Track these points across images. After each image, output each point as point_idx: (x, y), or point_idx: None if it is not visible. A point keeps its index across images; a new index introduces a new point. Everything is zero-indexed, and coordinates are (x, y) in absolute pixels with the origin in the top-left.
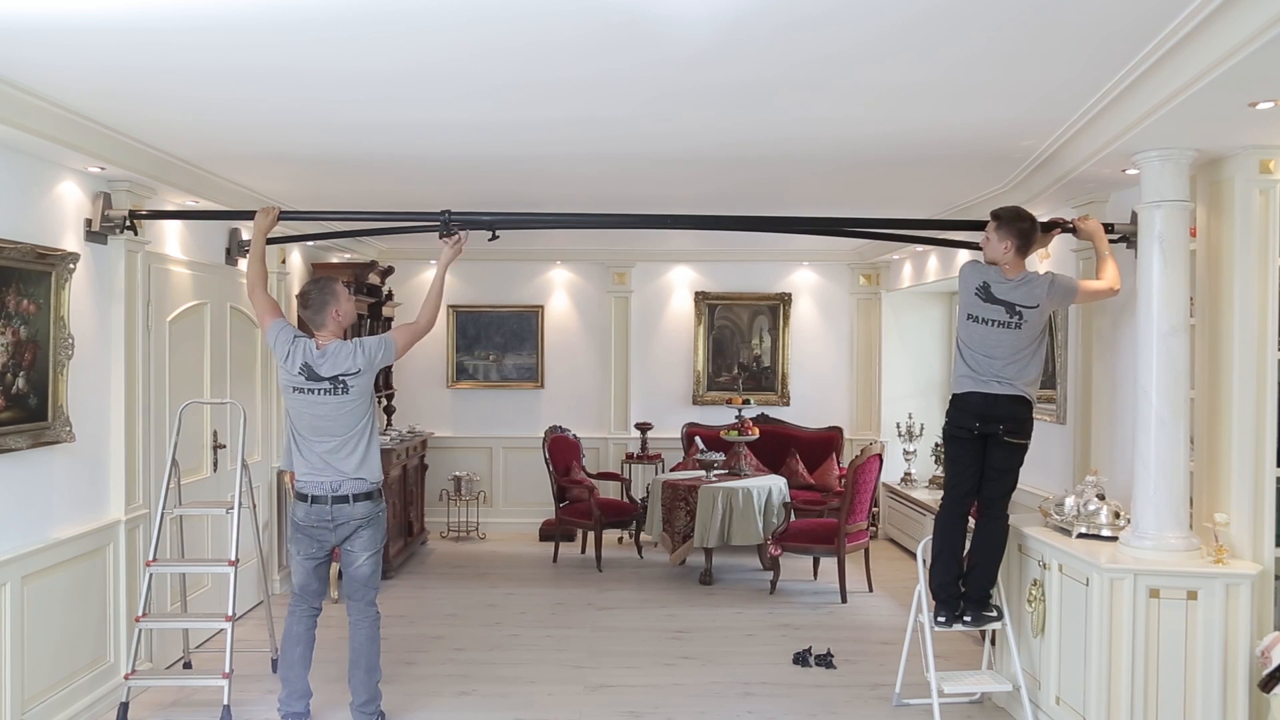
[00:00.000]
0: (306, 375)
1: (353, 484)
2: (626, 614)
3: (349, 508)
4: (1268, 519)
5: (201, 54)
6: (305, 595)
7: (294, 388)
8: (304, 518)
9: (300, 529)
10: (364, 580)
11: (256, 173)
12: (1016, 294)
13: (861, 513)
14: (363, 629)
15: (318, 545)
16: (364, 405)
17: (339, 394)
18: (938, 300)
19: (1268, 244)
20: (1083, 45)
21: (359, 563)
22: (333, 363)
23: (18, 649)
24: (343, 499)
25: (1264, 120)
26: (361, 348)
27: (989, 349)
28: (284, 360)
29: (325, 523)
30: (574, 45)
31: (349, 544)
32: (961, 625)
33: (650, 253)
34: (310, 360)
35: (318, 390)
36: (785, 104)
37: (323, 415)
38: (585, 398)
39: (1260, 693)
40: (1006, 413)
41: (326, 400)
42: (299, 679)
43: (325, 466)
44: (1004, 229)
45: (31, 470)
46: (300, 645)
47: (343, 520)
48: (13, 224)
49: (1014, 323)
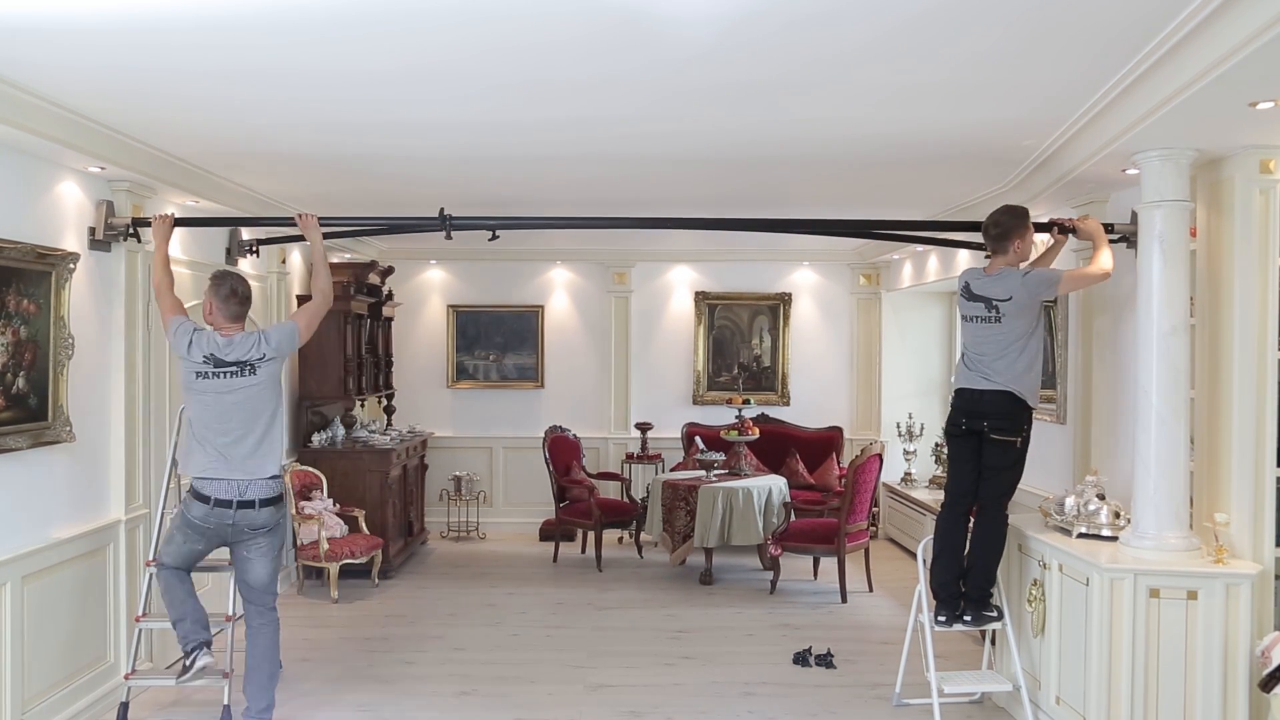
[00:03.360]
0: (213, 363)
1: (259, 487)
2: (626, 614)
3: (254, 513)
4: (1268, 519)
5: (201, 54)
6: (175, 569)
7: (197, 374)
8: (201, 518)
9: (193, 526)
10: (263, 586)
11: (256, 173)
12: (991, 289)
13: (861, 513)
14: (265, 635)
15: (207, 544)
16: (271, 392)
17: (245, 375)
18: (938, 300)
19: (1268, 244)
20: (1084, 45)
21: (257, 570)
22: (239, 349)
23: (18, 649)
24: (248, 504)
25: (1264, 120)
26: (265, 336)
27: (977, 345)
28: (186, 350)
29: (225, 527)
30: (575, 45)
31: (246, 550)
32: (962, 625)
33: (650, 253)
34: (215, 349)
35: (223, 374)
36: (787, 104)
37: (227, 402)
38: (585, 398)
39: (1260, 693)
40: (992, 409)
41: (232, 384)
42: (195, 610)
43: (226, 463)
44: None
45: (31, 470)
46: (183, 584)
47: (244, 525)
48: (13, 224)
49: (992, 317)
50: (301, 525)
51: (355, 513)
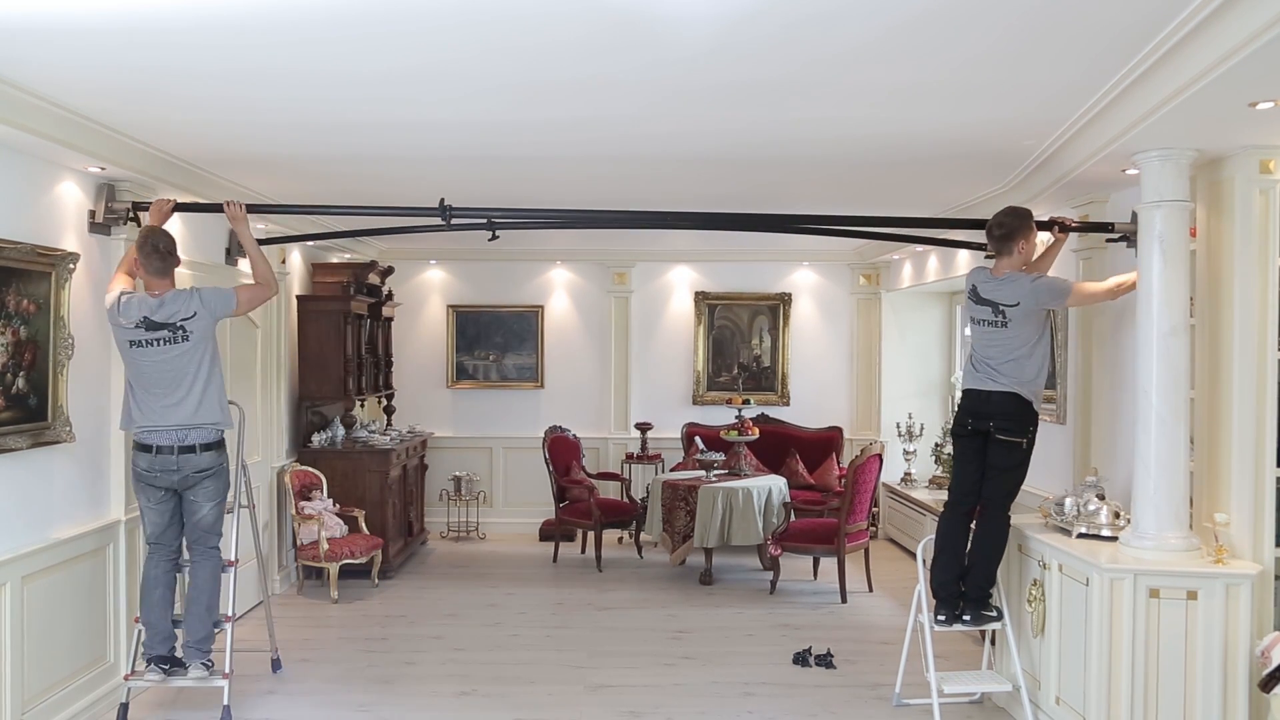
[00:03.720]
0: (146, 327)
1: (198, 433)
2: (626, 614)
3: (195, 457)
4: (1268, 519)
5: (201, 54)
6: (162, 542)
7: (131, 341)
8: (147, 467)
9: (142, 478)
10: (208, 528)
11: (256, 173)
12: (998, 294)
13: (861, 513)
14: (205, 567)
15: (162, 491)
16: (205, 353)
17: (179, 341)
18: (938, 300)
19: (1268, 244)
20: (1084, 45)
21: (203, 512)
22: (170, 309)
23: (18, 649)
24: (189, 449)
25: (1264, 120)
26: (199, 294)
27: (984, 347)
28: (119, 314)
29: (170, 471)
30: (575, 46)
31: (192, 494)
32: (961, 625)
33: (650, 253)
34: (148, 311)
35: (157, 341)
36: (787, 105)
37: (164, 365)
38: (585, 398)
39: (1260, 693)
40: (998, 410)
41: (166, 350)
42: (161, 621)
43: (167, 415)
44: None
45: (31, 470)
46: (160, 588)
47: (187, 470)
48: (13, 224)
49: (999, 321)
50: (301, 525)
51: (355, 513)
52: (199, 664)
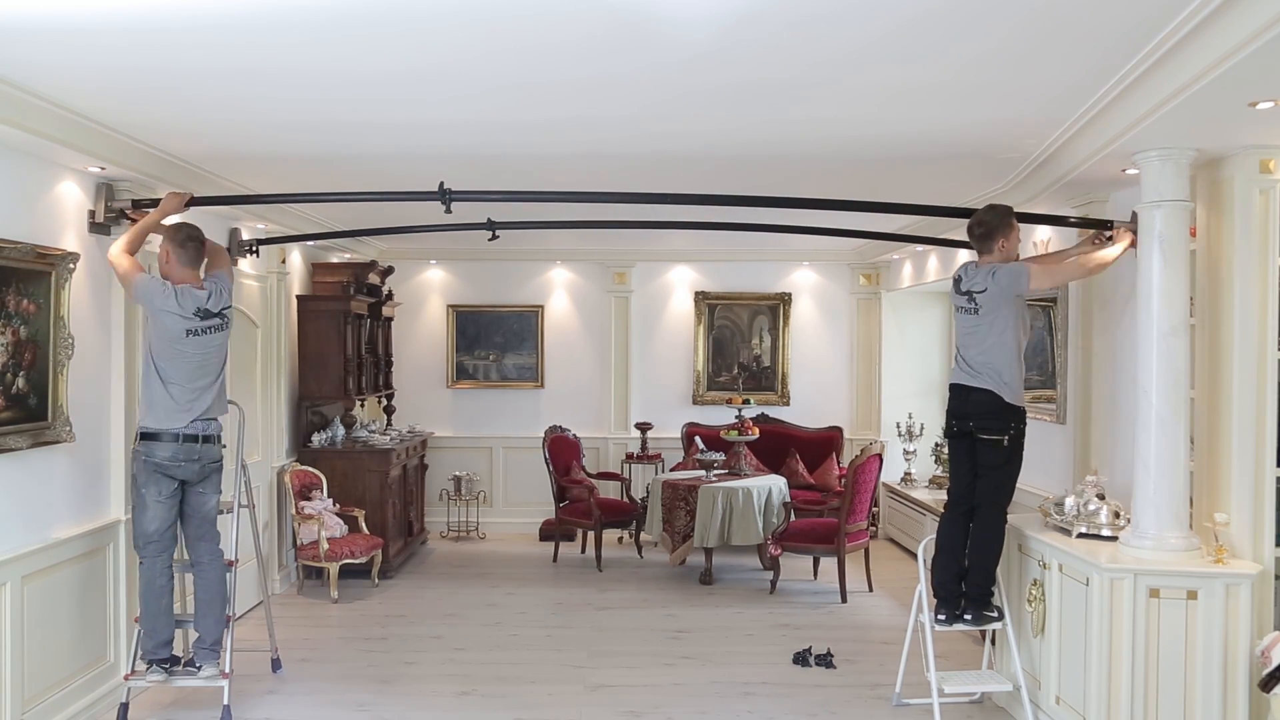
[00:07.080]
0: (202, 316)
1: (215, 424)
2: (626, 614)
3: (213, 448)
4: (1268, 519)
5: (201, 54)
6: (163, 540)
7: (188, 330)
8: (170, 457)
9: (159, 469)
10: (214, 520)
11: (256, 173)
12: (970, 281)
13: (861, 513)
14: (215, 568)
15: (175, 483)
16: (227, 340)
17: (225, 328)
18: (938, 300)
19: (1268, 244)
20: (1084, 45)
21: (210, 504)
22: (217, 297)
23: (18, 649)
24: (210, 439)
25: (1264, 120)
26: (221, 283)
27: (962, 337)
28: (173, 304)
29: (192, 460)
30: (576, 46)
31: (202, 486)
32: (962, 625)
33: (650, 252)
34: (199, 302)
35: (210, 329)
36: (788, 105)
37: (210, 353)
38: (585, 398)
39: (1260, 693)
40: (975, 409)
41: (216, 337)
42: (166, 629)
43: (193, 406)
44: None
45: (31, 470)
46: (166, 597)
47: (205, 460)
48: (13, 224)
49: (971, 308)
50: (301, 525)
51: (355, 513)
52: (212, 663)
